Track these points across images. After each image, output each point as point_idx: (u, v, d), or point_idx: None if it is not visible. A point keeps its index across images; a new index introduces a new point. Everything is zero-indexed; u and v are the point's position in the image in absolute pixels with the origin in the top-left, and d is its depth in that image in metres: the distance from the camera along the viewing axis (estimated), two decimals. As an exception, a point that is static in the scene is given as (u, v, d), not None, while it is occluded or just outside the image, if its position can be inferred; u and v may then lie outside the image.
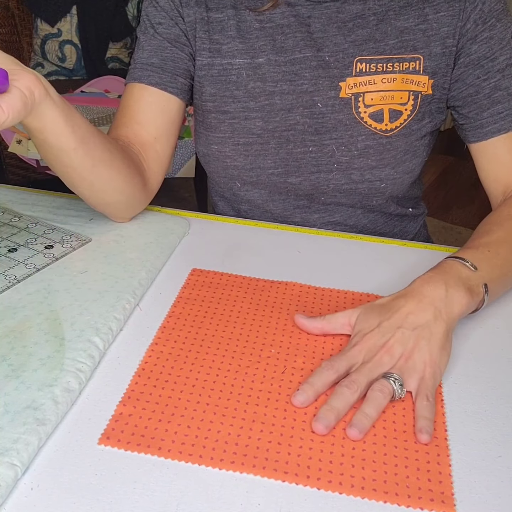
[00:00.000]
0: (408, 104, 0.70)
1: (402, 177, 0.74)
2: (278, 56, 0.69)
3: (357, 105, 0.70)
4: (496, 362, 0.53)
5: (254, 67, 0.70)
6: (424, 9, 0.67)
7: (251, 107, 0.71)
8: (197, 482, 0.41)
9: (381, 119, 0.70)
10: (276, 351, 0.52)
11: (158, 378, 0.49)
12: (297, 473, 0.41)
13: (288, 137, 0.72)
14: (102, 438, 0.43)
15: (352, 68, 0.68)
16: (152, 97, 0.71)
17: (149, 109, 0.72)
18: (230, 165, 0.75)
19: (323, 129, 0.71)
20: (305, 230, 0.75)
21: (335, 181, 0.74)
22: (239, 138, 0.73)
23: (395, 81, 0.69)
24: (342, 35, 0.68)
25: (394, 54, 0.68)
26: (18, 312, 0.55)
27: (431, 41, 0.68)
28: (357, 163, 0.72)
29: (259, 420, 0.45)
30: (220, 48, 0.70)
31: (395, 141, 0.71)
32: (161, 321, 0.56)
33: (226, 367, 0.50)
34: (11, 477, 0.39)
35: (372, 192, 0.75)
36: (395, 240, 0.74)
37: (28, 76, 0.50)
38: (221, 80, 0.71)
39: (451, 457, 0.43)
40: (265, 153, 0.73)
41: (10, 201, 0.75)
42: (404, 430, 0.45)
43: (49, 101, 0.52)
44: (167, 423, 0.44)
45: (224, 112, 0.72)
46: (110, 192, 0.65)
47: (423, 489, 0.41)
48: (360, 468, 0.42)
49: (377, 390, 0.46)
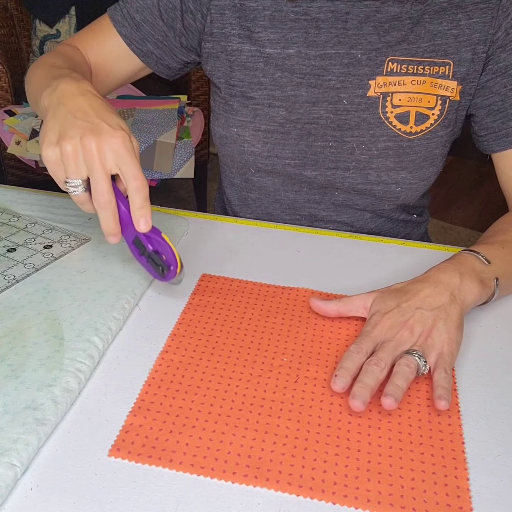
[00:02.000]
0: (436, 109, 0.70)
1: (418, 183, 0.74)
2: (309, 49, 0.69)
3: (384, 105, 0.70)
4: (496, 362, 0.53)
5: (283, 57, 0.70)
6: (457, 15, 0.67)
7: (276, 96, 0.71)
8: (196, 483, 0.40)
9: (406, 121, 0.70)
10: (288, 360, 0.52)
11: (168, 388, 0.48)
12: (312, 487, 0.40)
13: (309, 130, 0.72)
14: (112, 449, 0.42)
15: (383, 67, 0.69)
16: (116, 43, 0.76)
17: (108, 50, 0.76)
18: (247, 150, 0.75)
19: (346, 125, 0.71)
20: (305, 230, 0.75)
21: (351, 180, 0.74)
22: (261, 124, 0.73)
23: (424, 84, 0.69)
24: (377, 34, 0.68)
25: (425, 57, 0.68)
26: (17, 312, 0.55)
27: (462, 47, 0.68)
28: (375, 163, 0.72)
29: (272, 432, 0.44)
30: (251, 35, 0.70)
31: (416, 145, 0.71)
32: (160, 321, 0.56)
33: (238, 376, 0.50)
34: (11, 477, 0.39)
35: (386, 195, 0.75)
36: (395, 240, 0.74)
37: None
38: (249, 66, 0.71)
39: (469, 470, 0.42)
40: (285, 142, 0.73)
41: (8, 201, 0.75)
42: (421, 442, 0.44)
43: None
44: (178, 434, 0.44)
45: (250, 98, 0.72)
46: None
47: (441, 504, 0.40)
48: (376, 482, 0.41)
49: (404, 365, 0.48)
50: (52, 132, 0.52)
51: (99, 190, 0.52)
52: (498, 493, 0.41)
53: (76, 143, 0.51)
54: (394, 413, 0.47)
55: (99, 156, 0.51)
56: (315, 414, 0.46)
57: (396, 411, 0.47)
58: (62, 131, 0.52)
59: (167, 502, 0.39)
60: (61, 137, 0.51)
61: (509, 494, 0.41)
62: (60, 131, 0.52)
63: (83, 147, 0.51)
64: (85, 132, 0.51)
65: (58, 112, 0.53)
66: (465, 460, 0.43)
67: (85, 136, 0.51)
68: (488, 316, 0.59)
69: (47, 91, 0.57)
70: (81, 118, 0.52)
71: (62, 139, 0.51)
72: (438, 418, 0.47)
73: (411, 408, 0.47)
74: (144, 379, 0.49)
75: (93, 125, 0.52)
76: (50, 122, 0.53)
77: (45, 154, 0.52)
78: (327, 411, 0.47)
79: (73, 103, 0.54)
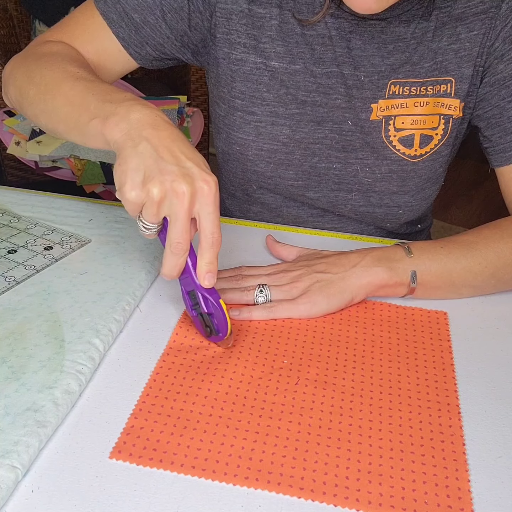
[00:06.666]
0: (439, 129, 0.68)
1: (419, 204, 0.74)
2: (315, 66, 0.67)
3: (387, 128, 0.68)
4: (496, 362, 0.53)
5: (289, 72, 0.67)
6: (456, 28, 0.65)
7: (280, 113, 0.69)
8: (197, 486, 0.40)
9: (411, 144, 0.69)
10: (289, 362, 0.52)
11: (169, 390, 0.48)
12: (313, 489, 0.40)
13: (314, 150, 0.71)
14: (113, 452, 0.42)
15: (385, 90, 0.67)
16: (111, 44, 0.69)
17: (101, 50, 0.69)
18: (250, 169, 0.73)
19: (350, 147, 0.70)
20: (305, 231, 0.75)
21: (354, 202, 0.73)
22: (263, 143, 0.71)
23: (428, 105, 0.67)
24: (381, 56, 0.66)
25: (428, 77, 0.66)
26: (18, 313, 0.55)
27: (463, 62, 0.66)
28: (379, 187, 0.71)
29: (273, 434, 0.45)
30: (257, 45, 0.67)
31: (420, 169, 0.70)
32: (161, 323, 0.56)
33: (239, 378, 0.50)
34: (12, 479, 0.39)
35: (388, 217, 0.75)
36: (394, 240, 0.74)
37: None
38: (253, 79, 0.68)
39: (469, 472, 0.42)
40: (289, 163, 0.72)
41: (9, 202, 0.75)
42: (421, 444, 0.44)
43: None
44: (179, 437, 0.44)
45: (251, 112, 0.70)
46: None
47: (442, 505, 0.40)
48: (377, 484, 0.41)
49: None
50: (136, 172, 0.47)
51: (178, 238, 0.48)
52: (499, 494, 0.41)
53: (165, 189, 0.46)
54: (395, 415, 0.47)
55: (188, 204, 0.47)
56: (316, 416, 0.46)
57: (397, 413, 0.47)
58: (149, 172, 0.47)
59: (168, 504, 0.39)
60: (148, 179, 0.47)
61: (510, 496, 0.41)
62: (146, 172, 0.47)
63: (174, 193, 0.46)
64: (176, 178, 0.46)
65: (141, 149, 0.47)
66: (466, 461, 0.43)
67: (177, 182, 0.46)
68: (489, 317, 0.59)
69: (114, 120, 0.49)
70: (170, 161, 0.47)
71: (149, 182, 0.46)
72: (439, 420, 0.47)
73: (412, 409, 0.47)
74: (145, 381, 0.49)
75: (185, 169, 0.47)
76: (132, 160, 0.47)
77: (128, 196, 0.47)
78: (327, 413, 0.47)
79: (157, 140, 0.48)
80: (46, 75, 0.60)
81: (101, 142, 0.52)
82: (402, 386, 0.50)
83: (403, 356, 0.53)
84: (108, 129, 0.50)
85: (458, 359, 0.53)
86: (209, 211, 0.48)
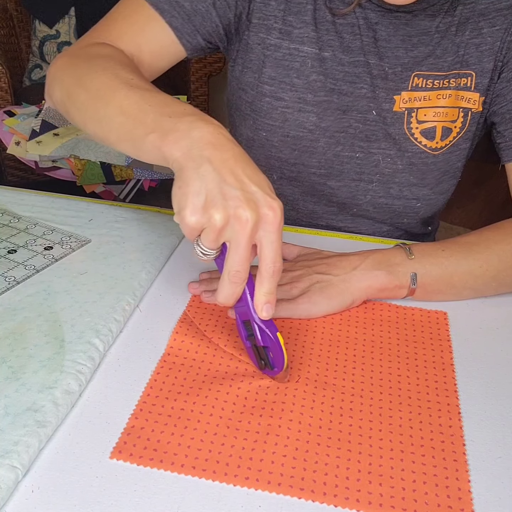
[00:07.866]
0: (458, 122, 0.69)
1: (437, 197, 0.74)
2: (344, 55, 0.68)
3: (409, 120, 0.69)
4: (496, 362, 0.53)
5: (319, 59, 0.68)
6: (479, 23, 0.66)
7: (308, 100, 0.69)
8: (198, 486, 0.40)
9: (433, 136, 0.69)
10: (289, 361, 0.52)
11: (170, 390, 0.48)
12: (314, 489, 0.40)
13: (338, 138, 0.71)
14: (114, 452, 0.42)
15: (408, 82, 0.68)
16: (163, 34, 0.66)
17: (154, 42, 0.67)
18: (274, 156, 0.73)
19: (374, 137, 0.71)
20: (305, 231, 0.75)
21: (373, 193, 0.74)
22: (290, 130, 0.71)
23: (450, 98, 0.68)
24: (405, 49, 0.67)
25: (451, 70, 0.67)
26: (18, 313, 0.55)
27: (484, 56, 0.67)
28: (399, 178, 0.72)
29: (274, 433, 0.44)
30: (292, 31, 0.67)
31: (440, 161, 0.70)
32: (161, 323, 0.56)
33: (240, 378, 0.49)
34: (12, 479, 0.39)
35: (406, 210, 0.75)
36: (395, 241, 0.74)
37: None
38: (284, 64, 0.69)
39: (470, 472, 0.42)
40: (313, 151, 0.72)
41: (9, 202, 0.75)
42: (422, 444, 0.44)
43: None
44: (180, 437, 0.44)
45: (279, 98, 0.70)
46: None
47: (442, 506, 0.40)
48: (377, 485, 0.41)
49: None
50: (197, 196, 0.43)
51: (238, 266, 0.45)
52: (499, 495, 0.41)
53: (228, 215, 0.43)
54: (395, 415, 0.47)
55: (251, 231, 0.43)
56: (316, 416, 0.46)
57: (397, 413, 0.47)
58: (211, 197, 0.43)
59: (168, 504, 0.39)
60: (210, 204, 0.43)
61: (510, 496, 0.41)
62: (209, 197, 0.43)
63: (237, 220, 0.43)
64: (240, 204, 0.43)
65: (203, 171, 0.44)
66: (466, 462, 0.43)
67: (241, 209, 0.43)
68: (489, 318, 0.59)
69: (174, 137, 0.46)
70: (234, 185, 0.44)
71: (212, 207, 0.43)
72: (439, 420, 0.47)
73: (412, 410, 0.47)
74: (145, 381, 0.49)
75: (249, 194, 0.44)
76: (194, 183, 0.44)
77: (188, 220, 0.44)
78: (328, 413, 0.47)
79: (219, 161, 0.45)
80: (97, 79, 0.57)
81: (157, 158, 0.49)
82: (402, 386, 0.50)
83: (403, 356, 0.53)
84: (168, 147, 0.46)
85: (458, 359, 0.53)
86: (272, 239, 0.45)
